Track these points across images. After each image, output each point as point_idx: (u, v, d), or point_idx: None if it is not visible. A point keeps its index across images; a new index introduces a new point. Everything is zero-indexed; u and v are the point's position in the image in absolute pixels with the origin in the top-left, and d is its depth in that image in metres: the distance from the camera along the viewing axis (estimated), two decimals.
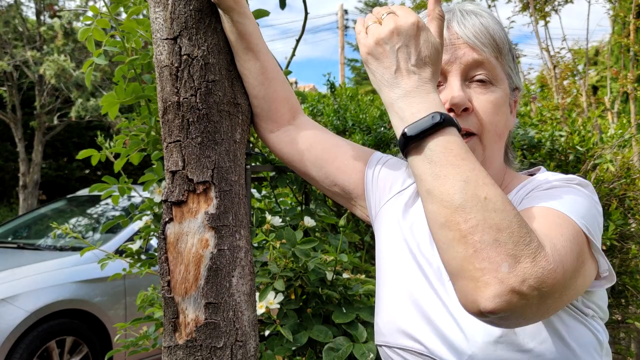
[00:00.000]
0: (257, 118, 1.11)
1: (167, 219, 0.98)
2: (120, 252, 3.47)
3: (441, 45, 0.75)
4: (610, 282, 0.79)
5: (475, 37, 0.84)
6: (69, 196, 5.38)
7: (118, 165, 1.57)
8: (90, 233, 4.39)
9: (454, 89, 0.83)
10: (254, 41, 1.03)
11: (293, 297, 1.47)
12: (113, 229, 3.98)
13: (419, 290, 0.88)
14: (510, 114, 0.91)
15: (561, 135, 2.55)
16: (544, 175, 0.86)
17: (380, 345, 0.94)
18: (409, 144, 0.70)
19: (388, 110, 0.75)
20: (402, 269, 0.92)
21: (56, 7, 11.49)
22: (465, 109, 0.83)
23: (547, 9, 4.30)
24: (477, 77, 0.84)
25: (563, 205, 0.74)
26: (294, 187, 1.61)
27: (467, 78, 0.85)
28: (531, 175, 0.96)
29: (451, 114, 0.83)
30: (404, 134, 0.70)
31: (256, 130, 1.14)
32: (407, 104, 0.71)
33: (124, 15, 1.45)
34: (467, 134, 0.84)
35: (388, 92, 0.74)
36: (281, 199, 1.77)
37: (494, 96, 0.84)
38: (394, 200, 1.02)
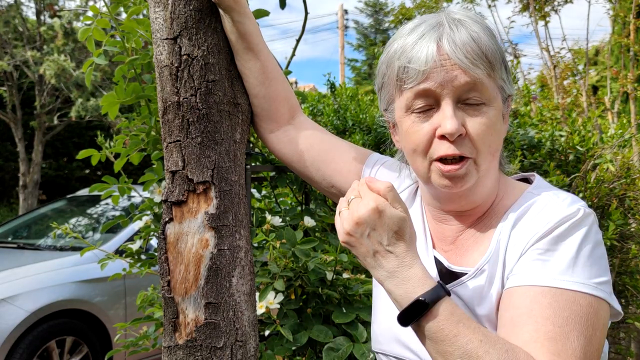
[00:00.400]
0: (257, 118, 1.11)
1: (167, 219, 0.98)
2: (120, 252, 3.47)
3: (405, 211, 0.78)
4: (616, 317, 0.80)
5: (467, 58, 0.80)
6: (69, 196, 5.38)
7: (118, 165, 1.57)
8: (90, 233, 4.39)
9: (447, 115, 0.81)
10: (254, 41, 1.03)
11: (293, 297, 1.47)
12: (113, 229, 3.97)
13: None
14: (503, 123, 0.89)
15: (561, 135, 2.55)
16: (544, 203, 0.83)
17: (377, 353, 0.94)
18: (408, 326, 0.76)
19: (381, 285, 0.79)
20: None
21: (56, 7, 11.48)
22: (459, 135, 0.82)
23: (547, 9, 4.30)
24: (471, 100, 0.82)
25: (573, 274, 0.75)
26: (294, 187, 1.61)
27: (459, 100, 0.82)
28: (526, 180, 0.95)
29: (443, 140, 0.82)
30: (399, 318, 0.76)
31: (256, 130, 1.14)
32: (394, 285, 0.76)
33: (124, 15, 1.45)
34: (461, 158, 0.82)
35: (375, 272, 0.78)
36: (281, 199, 1.77)
37: (487, 117, 0.82)
38: None
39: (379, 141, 3.04)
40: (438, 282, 0.76)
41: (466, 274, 0.85)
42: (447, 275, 0.88)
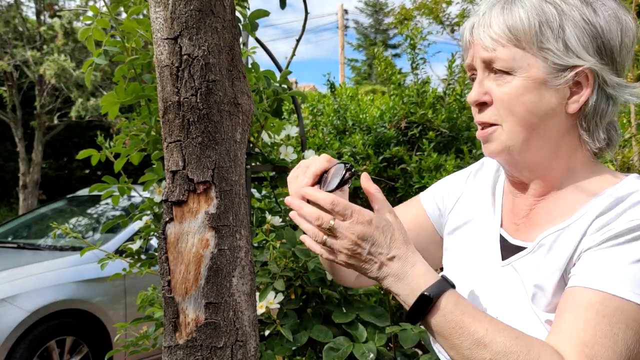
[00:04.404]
0: (336, 277, 1.11)
1: (167, 219, 0.98)
2: (120, 252, 3.47)
3: (389, 211, 0.81)
4: None
5: (486, 33, 0.85)
6: (69, 196, 5.38)
7: (118, 165, 1.57)
8: (90, 233, 4.39)
9: (474, 85, 0.88)
10: None
11: (293, 297, 1.47)
12: (113, 229, 3.97)
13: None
14: (575, 96, 0.84)
15: None
16: (632, 202, 0.79)
17: None
18: (416, 323, 0.79)
19: (389, 291, 0.81)
20: None
21: (56, 7, 11.49)
22: (484, 103, 0.87)
23: None
24: (496, 70, 0.86)
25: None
26: None
27: (489, 71, 0.87)
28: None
29: (476, 109, 0.88)
30: (408, 316, 0.78)
31: (336, 280, 1.12)
32: (401, 286, 0.78)
33: (124, 15, 1.45)
34: (487, 125, 0.87)
35: (383, 282, 0.80)
36: (281, 199, 1.77)
37: (509, 87, 0.84)
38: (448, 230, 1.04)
39: (379, 141, 3.05)
40: (442, 276, 0.78)
41: (526, 248, 0.86)
42: (510, 250, 0.89)
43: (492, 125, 0.87)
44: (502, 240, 0.91)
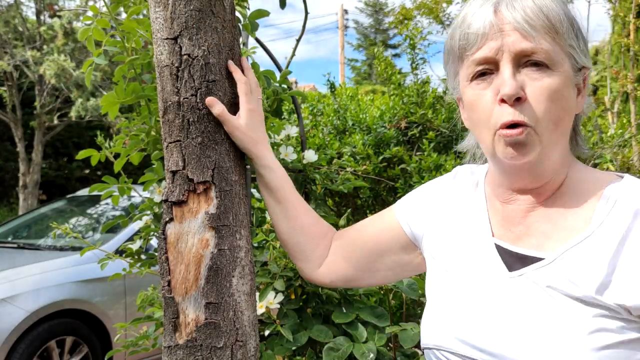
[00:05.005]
0: (297, 261, 1.11)
1: (167, 219, 0.98)
2: (120, 252, 3.47)
3: None
4: None
5: (525, 21, 0.77)
6: (69, 196, 5.38)
7: (118, 165, 1.56)
8: (90, 233, 4.39)
9: (505, 77, 0.78)
10: (285, 195, 1.07)
11: (293, 297, 1.47)
12: (113, 229, 3.97)
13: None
14: (579, 97, 0.83)
15: None
16: None
17: (430, 348, 0.90)
18: None
19: None
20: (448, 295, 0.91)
21: (56, 7, 11.49)
22: (518, 99, 0.77)
23: None
24: (531, 61, 0.78)
25: None
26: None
27: (519, 64, 0.78)
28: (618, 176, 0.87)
29: (503, 105, 0.78)
30: None
31: (301, 273, 1.13)
32: None
33: (124, 15, 1.45)
34: (517, 125, 0.78)
35: None
36: None
37: (549, 81, 0.78)
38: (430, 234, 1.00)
39: (379, 141, 3.05)
40: None
41: (542, 259, 0.80)
42: (515, 259, 0.84)
43: (524, 126, 0.78)
44: (501, 250, 0.86)
